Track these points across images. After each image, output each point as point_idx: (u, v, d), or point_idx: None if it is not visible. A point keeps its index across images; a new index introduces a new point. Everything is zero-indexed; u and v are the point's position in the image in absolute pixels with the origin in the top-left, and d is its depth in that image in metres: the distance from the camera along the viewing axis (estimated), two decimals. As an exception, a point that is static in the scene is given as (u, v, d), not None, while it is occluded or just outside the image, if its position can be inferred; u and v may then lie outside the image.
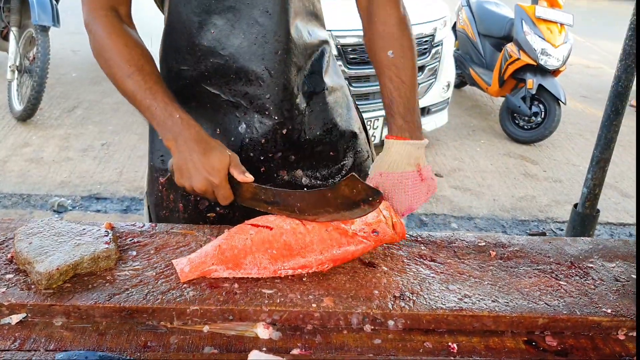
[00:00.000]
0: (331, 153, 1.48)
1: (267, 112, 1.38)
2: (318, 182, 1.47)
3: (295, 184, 1.45)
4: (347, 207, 1.13)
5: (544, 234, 3.91)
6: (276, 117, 1.38)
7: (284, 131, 1.40)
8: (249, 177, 1.18)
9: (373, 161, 1.52)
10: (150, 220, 1.54)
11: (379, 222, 1.14)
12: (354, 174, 1.12)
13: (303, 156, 1.45)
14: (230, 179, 1.19)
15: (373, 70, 1.39)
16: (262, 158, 1.41)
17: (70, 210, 3.69)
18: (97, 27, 1.26)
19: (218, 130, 1.39)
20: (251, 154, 1.40)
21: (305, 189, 1.44)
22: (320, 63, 1.44)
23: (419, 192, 1.26)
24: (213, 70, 1.35)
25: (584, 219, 3.02)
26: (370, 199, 1.11)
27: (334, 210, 1.14)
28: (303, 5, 1.37)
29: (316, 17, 1.44)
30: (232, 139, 1.39)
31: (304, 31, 1.38)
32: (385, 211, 1.15)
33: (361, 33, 1.39)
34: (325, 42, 1.46)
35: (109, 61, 1.24)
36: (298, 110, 1.41)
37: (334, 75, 1.50)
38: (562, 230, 3.91)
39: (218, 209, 1.42)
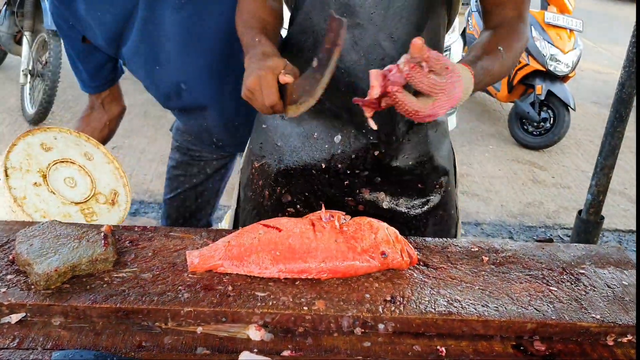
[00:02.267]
0: (419, 185, 1.49)
1: (364, 131, 1.42)
2: (399, 209, 1.49)
3: (375, 205, 1.48)
4: None
5: (551, 240, 3.90)
6: (372, 138, 1.42)
7: (376, 153, 1.44)
8: (288, 78, 1.16)
9: (456, 203, 1.56)
10: (239, 196, 1.64)
11: (388, 244, 1.16)
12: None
13: (389, 181, 1.47)
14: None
15: None
16: (348, 172, 1.46)
17: (80, 212, 3.74)
18: None
19: (315, 134, 1.45)
20: (339, 165, 1.45)
21: (385, 212, 1.47)
22: None
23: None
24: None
25: (588, 225, 3.01)
26: None
27: None
28: (430, 38, 1.36)
29: (440, 49, 1.41)
30: (326, 145, 1.44)
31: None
32: (393, 237, 1.18)
33: None
34: None
35: (238, 13, 1.39)
36: (396, 136, 1.44)
37: None
38: (569, 237, 3.90)
39: (298, 206, 1.49)
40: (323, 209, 1.23)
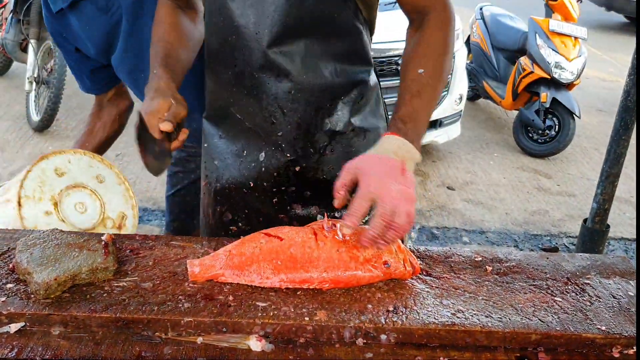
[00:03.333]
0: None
1: (280, 149, 1.41)
2: None
3: (311, 220, 1.44)
4: None
5: (556, 249, 3.88)
6: (289, 155, 1.42)
7: (297, 168, 1.43)
8: (166, 126, 1.25)
9: None
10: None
11: (391, 254, 1.15)
12: None
13: (320, 194, 1.44)
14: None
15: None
16: (274, 190, 1.45)
17: (84, 220, 3.73)
18: (157, 11, 1.47)
19: (245, 152, 1.45)
20: (265, 184, 1.45)
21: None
22: (351, 103, 1.41)
23: (397, 180, 1.10)
24: (237, 98, 1.41)
25: (594, 234, 3.00)
26: None
27: None
28: (336, 45, 1.35)
29: (358, 56, 1.40)
30: (253, 164, 1.45)
31: (326, 71, 1.36)
32: (395, 246, 1.17)
33: (383, 46, 1.43)
34: (363, 82, 1.42)
35: (154, 23, 1.45)
36: (314, 148, 1.42)
37: (369, 117, 1.46)
38: (574, 245, 3.87)
39: (240, 224, 1.49)
40: (325, 217, 1.22)
